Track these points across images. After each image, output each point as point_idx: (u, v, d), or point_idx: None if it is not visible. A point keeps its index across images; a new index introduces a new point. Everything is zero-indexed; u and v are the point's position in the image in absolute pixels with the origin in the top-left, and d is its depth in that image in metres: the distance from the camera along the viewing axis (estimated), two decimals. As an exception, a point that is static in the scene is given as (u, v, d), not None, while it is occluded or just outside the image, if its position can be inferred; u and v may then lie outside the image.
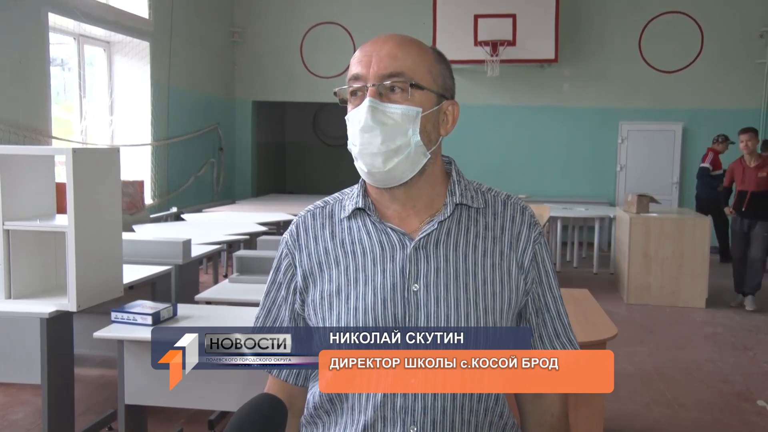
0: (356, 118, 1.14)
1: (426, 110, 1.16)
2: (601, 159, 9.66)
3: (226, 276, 6.82)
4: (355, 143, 1.15)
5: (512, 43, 8.76)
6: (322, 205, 1.28)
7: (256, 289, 3.39)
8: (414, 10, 9.41)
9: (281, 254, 1.27)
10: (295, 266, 1.24)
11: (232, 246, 6.19)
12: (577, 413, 2.65)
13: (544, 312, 1.24)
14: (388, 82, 1.13)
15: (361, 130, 1.13)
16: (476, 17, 8.80)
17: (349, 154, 1.18)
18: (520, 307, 1.22)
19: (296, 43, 9.98)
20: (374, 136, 1.13)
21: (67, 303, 2.75)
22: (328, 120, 12.05)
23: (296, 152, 12.44)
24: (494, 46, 8.74)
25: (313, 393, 1.24)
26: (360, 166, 1.16)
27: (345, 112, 1.20)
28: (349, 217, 1.23)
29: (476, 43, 8.78)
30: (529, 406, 1.28)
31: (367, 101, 1.13)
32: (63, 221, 2.77)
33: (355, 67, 1.16)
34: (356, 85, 1.16)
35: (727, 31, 9.22)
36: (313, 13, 9.91)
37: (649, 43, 9.36)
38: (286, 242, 1.27)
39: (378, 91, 1.13)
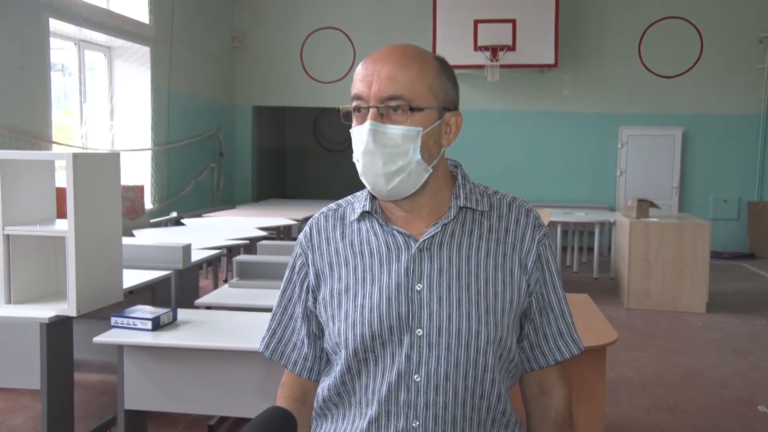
0: (359, 139, 1.18)
1: (426, 128, 1.18)
2: (601, 164, 9.66)
3: (226, 281, 6.82)
4: (358, 160, 1.20)
5: (512, 48, 8.77)
6: (335, 207, 1.34)
7: (256, 294, 3.39)
8: (414, 15, 9.43)
9: (296, 254, 1.33)
10: (308, 265, 1.30)
11: (232, 251, 6.20)
12: (577, 418, 2.63)
13: (548, 311, 1.27)
14: (389, 104, 1.16)
15: (364, 152, 1.17)
16: (476, 22, 8.82)
17: (349, 159, 1.20)
18: (523, 307, 1.25)
19: (296, 48, 10.00)
20: (376, 159, 1.16)
21: (67, 308, 2.75)
22: (328, 125, 12.06)
23: (296, 157, 12.44)
24: (494, 51, 8.75)
25: (323, 387, 1.29)
26: (364, 182, 1.21)
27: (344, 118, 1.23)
28: (358, 220, 1.28)
29: (476, 48, 8.79)
30: (534, 404, 1.32)
31: (368, 124, 1.16)
32: (63, 226, 2.77)
33: (357, 86, 1.19)
34: (358, 103, 1.19)
35: (727, 36, 9.24)
36: (313, 19, 9.93)
37: (649, 48, 9.38)
38: (300, 242, 1.33)
39: (379, 112, 1.16)
